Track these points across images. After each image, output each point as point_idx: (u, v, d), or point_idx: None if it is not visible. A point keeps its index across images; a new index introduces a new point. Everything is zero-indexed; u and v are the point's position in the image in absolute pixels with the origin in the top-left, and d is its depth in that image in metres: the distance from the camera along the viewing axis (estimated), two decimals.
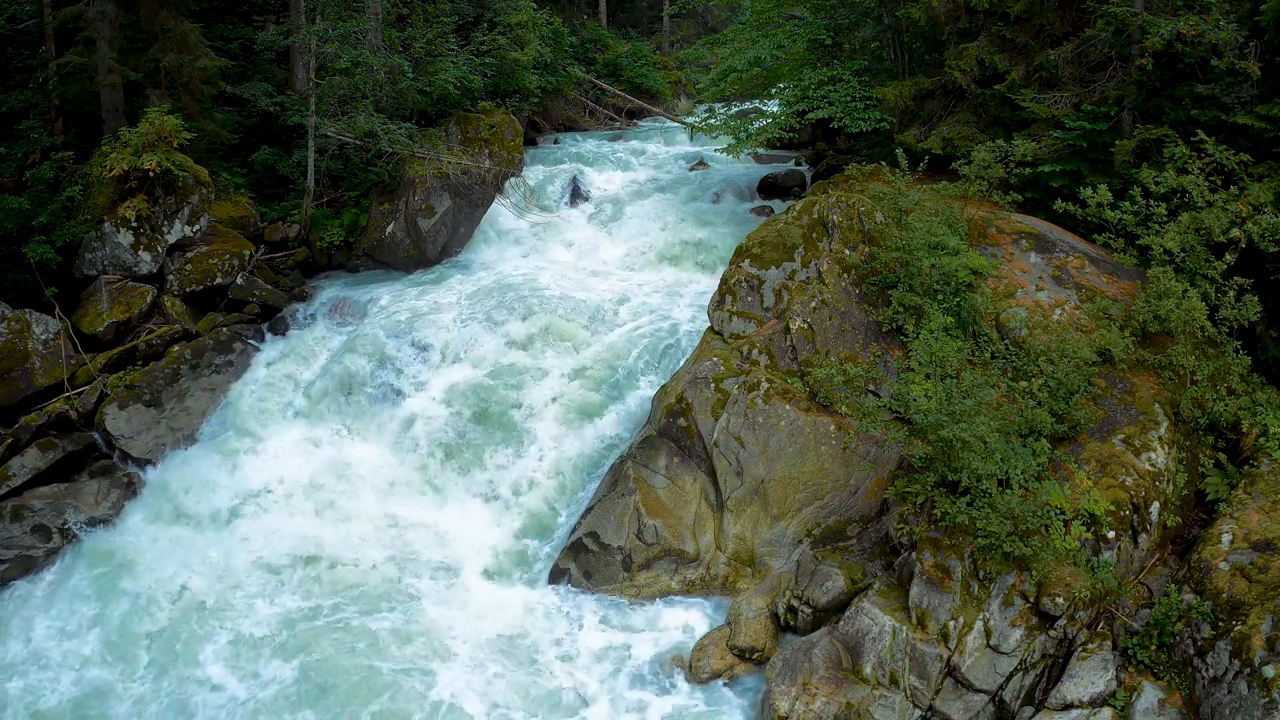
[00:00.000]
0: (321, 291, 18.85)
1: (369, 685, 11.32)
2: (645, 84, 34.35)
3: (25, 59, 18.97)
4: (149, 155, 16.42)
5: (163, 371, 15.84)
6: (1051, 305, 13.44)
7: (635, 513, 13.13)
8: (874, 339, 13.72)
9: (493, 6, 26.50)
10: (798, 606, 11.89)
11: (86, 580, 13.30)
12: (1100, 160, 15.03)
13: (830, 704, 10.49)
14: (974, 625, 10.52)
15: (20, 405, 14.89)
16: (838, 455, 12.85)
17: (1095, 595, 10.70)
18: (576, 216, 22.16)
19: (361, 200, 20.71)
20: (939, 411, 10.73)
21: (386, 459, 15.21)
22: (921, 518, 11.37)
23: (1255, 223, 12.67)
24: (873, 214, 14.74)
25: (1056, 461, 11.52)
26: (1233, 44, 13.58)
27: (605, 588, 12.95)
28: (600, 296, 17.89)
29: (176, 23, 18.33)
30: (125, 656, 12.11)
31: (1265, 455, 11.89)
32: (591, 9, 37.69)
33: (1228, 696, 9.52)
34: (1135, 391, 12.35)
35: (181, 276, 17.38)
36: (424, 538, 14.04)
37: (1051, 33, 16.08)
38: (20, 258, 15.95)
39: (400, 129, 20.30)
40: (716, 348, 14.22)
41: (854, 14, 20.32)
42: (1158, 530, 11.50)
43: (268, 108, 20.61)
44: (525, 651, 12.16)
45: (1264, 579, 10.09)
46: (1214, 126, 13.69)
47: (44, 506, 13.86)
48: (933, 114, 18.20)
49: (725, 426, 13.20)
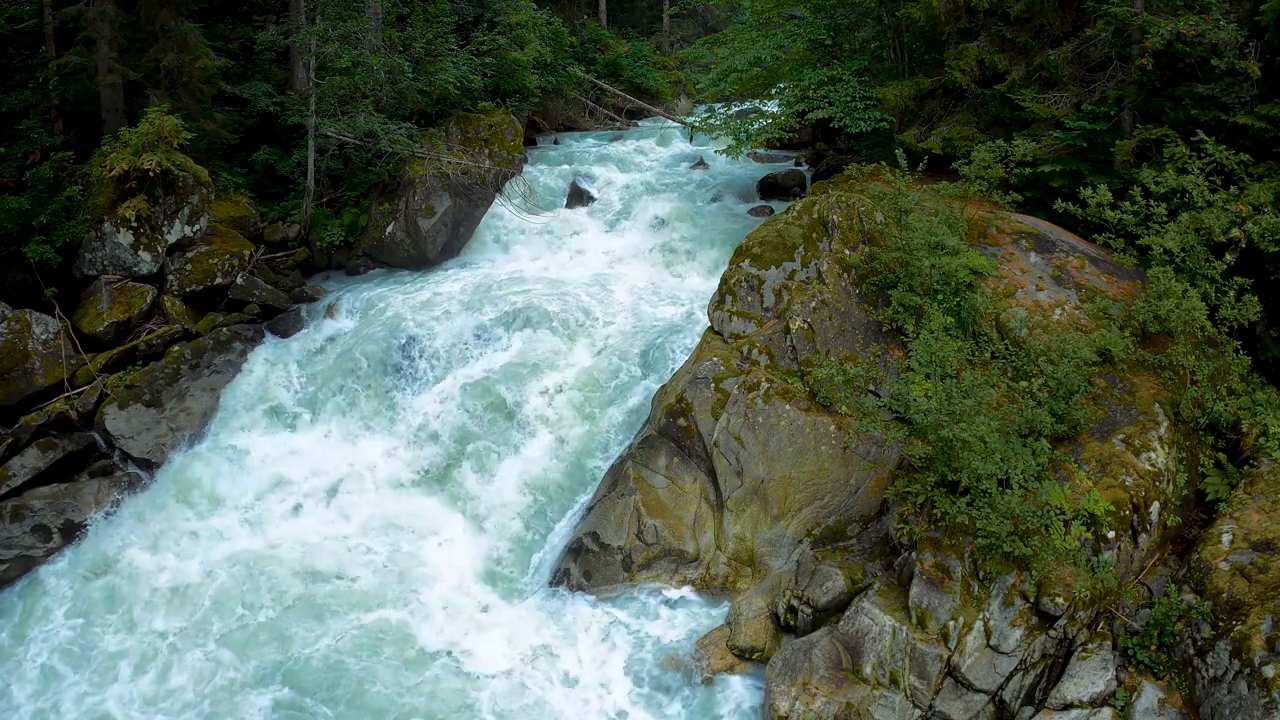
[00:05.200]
0: (321, 292, 18.85)
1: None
2: (645, 84, 34.34)
3: (25, 59, 18.99)
4: (149, 155, 16.43)
5: (163, 371, 15.84)
6: (1051, 305, 13.43)
7: (635, 513, 13.13)
8: (874, 339, 13.72)
9: (493, 6, 26.50)
10: (798, 606, 11.89)
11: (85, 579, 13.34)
12: (1100, 160, 15.02)
13: (830, 704, 10.49)
14: (974, 625, 10.52)
15: (20, 405, 14.89)
16: (838, 455, 12.85)
17: (1095, 595, 10.70)
18: (576, 216, 22.15)
19: (361, 200, 20.72)
20: (939, 411, 10.73)
21: (386, 459, 15.19)
22: (921, 518, 11.37)
23: (1255, 223, 12.67)
24: (873, 214, 14.74)
25: (1056, 461, 11.51)
26: (1233, 44, 13.58)
27: (605, 588, 12.95)
28: (599, 295, 17.90)
29: (176, 23, 18.33)
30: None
31: (1265, 455, 11.89)
32: (591, 9, 37.68)
33: (1228, 696, 9.52)
34: (1135, 391, 12.34)
35: (181, 276, 17.38)
36: (423, 538, 14.02)
37: (1051, 33, 16.08)
38: (20, 258, 15.95)
39: (400, 129, 20.31)
40: (716, 348, 14.22)
41: (854, 14, 20.31)
42: (1158, 530, 11.50)
43: (268, 108, 20.62)
44: (524, 651, 12.18)
45: (1264, 579, 10.09)
46: (1214, 126, 13.69)
47: (44, 506, 13.85)
48: (933, 114, 18.20)
49: (725, 426, 13.20)
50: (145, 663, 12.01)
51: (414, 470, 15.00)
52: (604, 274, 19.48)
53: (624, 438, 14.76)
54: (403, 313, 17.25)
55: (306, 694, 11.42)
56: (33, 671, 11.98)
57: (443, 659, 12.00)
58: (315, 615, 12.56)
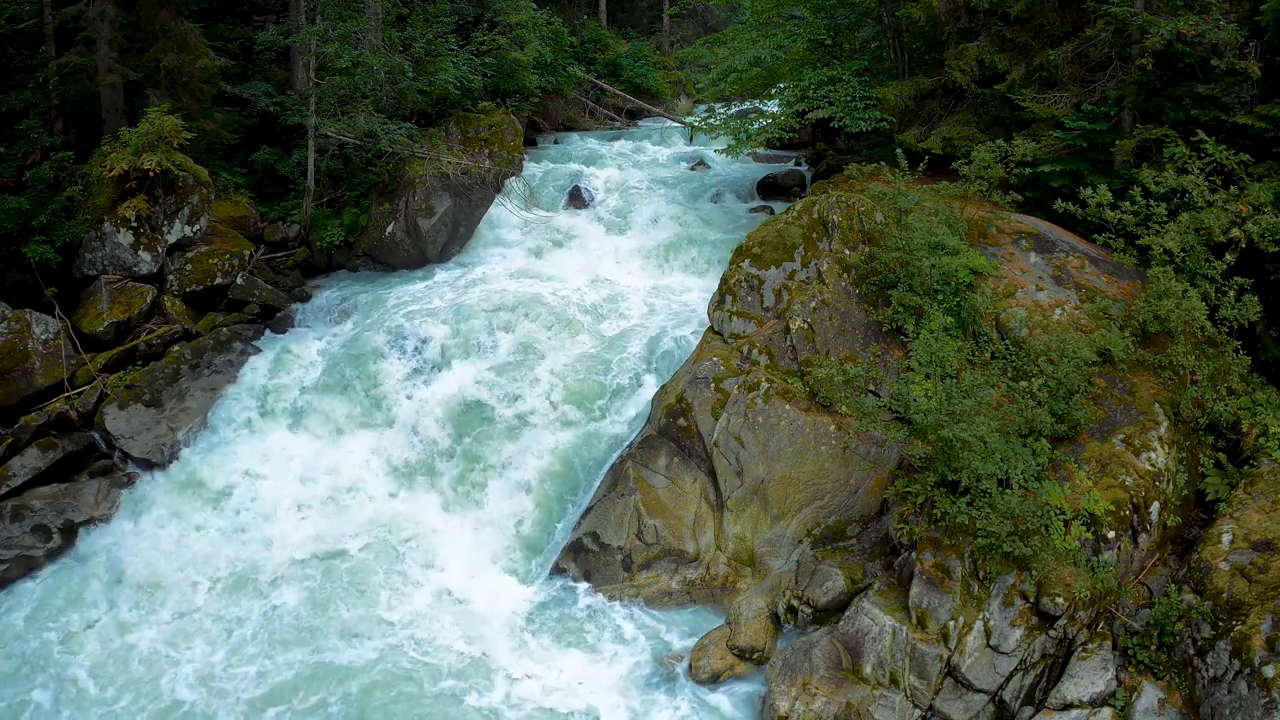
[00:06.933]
0: (321, 291, 18.85)
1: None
2: (645, 84, 34.34)
3: (25, 59, 19.00)
4: (149, 155, 16.43)
5: (163, 371, 15.83)
6: (1051, 305, 13.43)
7: (635, 513, 13.13)
8: (874, 339, 13.72)
9: (493, 6, 26.50)
10: (798, 606, 11.89)
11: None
12: (1100, 160, 15.03)
13: (830, 704, 10.49)
14: (974, 625, 10.52)
15: (20, 405, 14.90)
16: (838, 455, 12.85)
17: (1095, 595, 10.70)
18: (576, 216, 22.15)
19: (361, 200, 20.71)
20: (939, 411, 10.73)
21: (385, 459, 15.18)
22: (921, 518, 11.37)
23: (1255, 223, 12.67)
24: (873, 214, 14.74)
25: (1056, 461, 11.51)
26: (1233, 44, 13.58)
27: (605, 588, 12.95)
28: (600, 296, 17.91)
29: (176, 23, 18.34)
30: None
31: (1265, 455, 11.89)
32: (591, 9, 37.67)
33: (1228, 696, 9.52)
34: (1135, 391, 12.34)
35: (181, 276, 17.38)
36: (421, 539, 14.01)
37: (1051, 33, 16.09)
38: (20, 258, 15.96)
39: (400, 129, 20.30)
40: (716, 347, 14.22)
41: (854, 14, 20.32)
42: (1158, 530, 11.50)
43: (268, 108, 20.62)
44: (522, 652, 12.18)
45: (1264, 579, 10.09)
46: (1214, 126, 13.69)
47: (44, 506, 13.85)
48: (933, 114, 18.21)
49: (725, 426, 13.20)
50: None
51: (411, 469, 14.99)
52: (604, 274, 19.48)
53: (624, 437, 14.75)
54: (402, 313, 17.24)
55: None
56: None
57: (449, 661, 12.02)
58: (310, 628, 12.53)
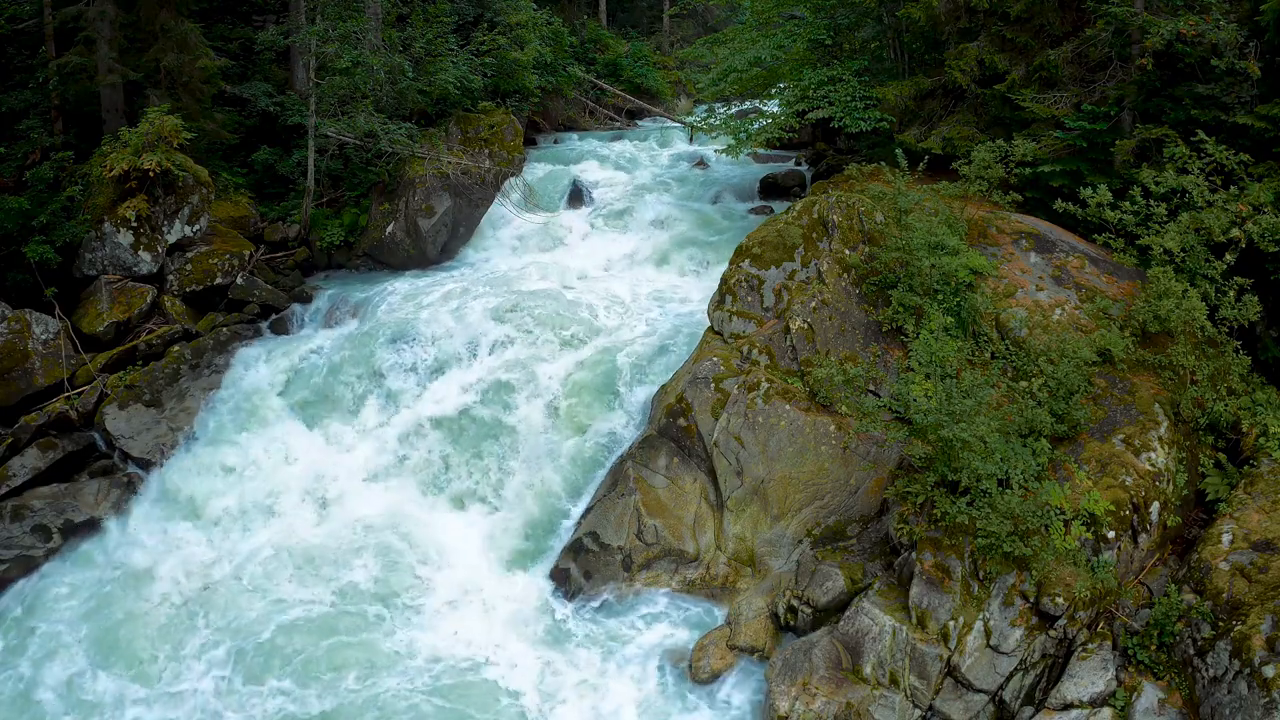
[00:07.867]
0: (321, 292, 18.85)
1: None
2: (645, 84, 34.35)
3: (25, 59, 19.00)
4: (149, 155, 16.43)
5: (163, 371, 15.84)
6: (1051, 305, 13.43)
7: (635, 513, 13.13)
8: (874, 339, 13.72)
9: (493, 6, 26.51)
10: (798, 606, 11.89)
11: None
12: (1100, 160, 15.02)
13: (830, 704, 10.49)
14: (974, 625, 10.52)
15: (20, 405, 14.90)
16: (838, 455, 12.85)
17: (1095, 595, 10.70)
18: (576, 216, 22.16)
19: (361, 200, 20.72)
20: (939, 411, 10.73)
21: (384, 460, 15.16)
22: (921, 518, 11.37)
23: (1255, 223, 12.67)
24: (873, 214, 14.74)
25: (1056, 461, 11.51)
26: (1233, 44, 13.58)
27: (605, 588, 12.95)
28: (600, 296, 17.90)
29: (176, 23, 18.33)
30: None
31: (1265, 455, 11.89)
32: (591, 9, 37.68)
33: (1228, 696, 9.52)
34: (1135, 391, 12.34)
35: (181, 276, 17.39)
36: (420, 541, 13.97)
37: (1051, 33, 16.08)
38: (20, 258, 15.95)
39: (400, 129, 20.31)
40: (716, 347, 14.21)
41: (854, 14, 20.32)
42: (1158, 530, 11.50)
43: (268, 108, 20.62)
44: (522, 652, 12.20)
45: (1264, 579, 10.09)
46: (1214, 126, 13.68)
47: (44, 506, 13.86)
48: (933, 114, 18.21)
49: (725, 426, 13.20)
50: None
51: (410, 471, 14.96)
52: (604, 274, 19.48)
53: (623, 438, 14.75)
54: (402, 313, 17.24)
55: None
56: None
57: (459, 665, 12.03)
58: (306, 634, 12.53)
